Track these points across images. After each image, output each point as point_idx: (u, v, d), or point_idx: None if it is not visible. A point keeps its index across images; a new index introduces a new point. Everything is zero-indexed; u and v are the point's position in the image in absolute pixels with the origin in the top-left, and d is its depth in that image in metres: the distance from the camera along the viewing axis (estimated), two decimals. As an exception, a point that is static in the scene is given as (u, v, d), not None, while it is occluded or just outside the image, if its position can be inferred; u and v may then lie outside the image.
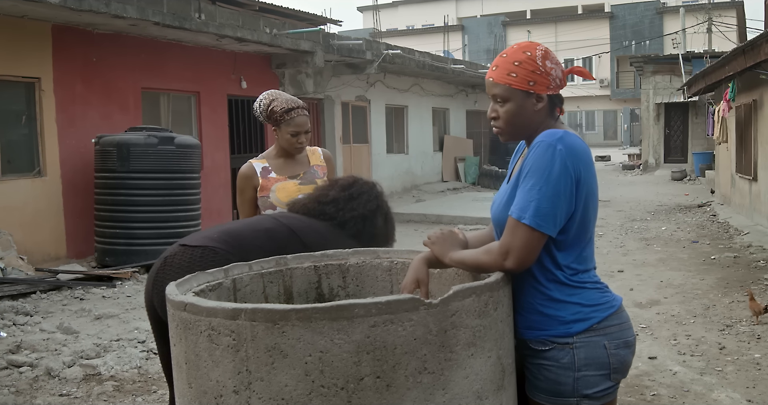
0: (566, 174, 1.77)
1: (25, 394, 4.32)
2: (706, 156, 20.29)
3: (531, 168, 1.79)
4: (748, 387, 4.23)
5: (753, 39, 8.71)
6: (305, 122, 3.27)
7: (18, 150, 8.46)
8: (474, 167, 20.30)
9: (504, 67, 1.89)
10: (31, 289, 6.87)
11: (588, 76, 2.08)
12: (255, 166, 3.34)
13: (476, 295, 1.68)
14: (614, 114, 48.73)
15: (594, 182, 1.86)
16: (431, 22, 45.84)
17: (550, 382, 1.85)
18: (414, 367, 1.59)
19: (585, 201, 1.83)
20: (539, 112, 1.91)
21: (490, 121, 1.97)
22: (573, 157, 1.78)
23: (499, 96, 1.90)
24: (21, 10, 7.71)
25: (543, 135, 1.82)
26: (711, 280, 7.15)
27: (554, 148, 1.77)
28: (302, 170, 3.36)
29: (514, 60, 1.88)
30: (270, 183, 3.28)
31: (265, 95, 3.27)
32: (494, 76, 1.90)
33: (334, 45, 12.71)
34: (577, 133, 1.89)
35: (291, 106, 3.21)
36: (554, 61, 1.91)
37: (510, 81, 1.87)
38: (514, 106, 1.89)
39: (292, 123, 3.24)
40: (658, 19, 38.95)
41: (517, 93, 1.88)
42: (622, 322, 1.90)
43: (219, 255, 2.38)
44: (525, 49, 1.90)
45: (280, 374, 1.56)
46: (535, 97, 1.89)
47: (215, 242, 2.44)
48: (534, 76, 1.87)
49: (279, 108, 3.21)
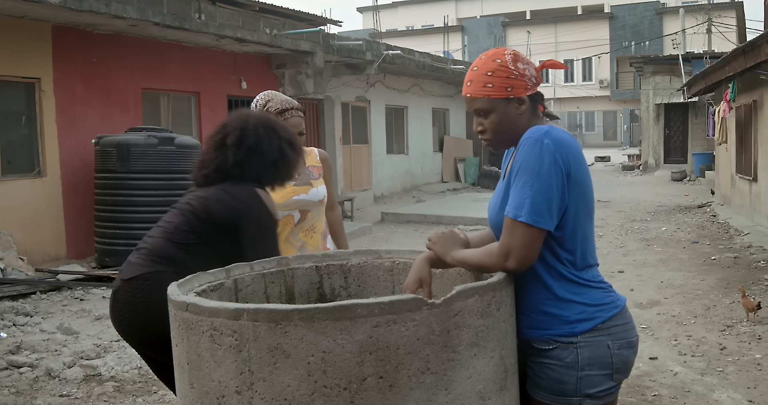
0: (556, 167, 1.76)
1: (25, 395, 4.31)
2: (705, 156, 20.30)
3: (521, 165, 1.79)
4: (749, 387, 4.23)
5: (753, 39, 8.71)
6: (299, 123, 3.22)
7: (18, 150, 8.46)
8: (474, 168, 20.30)
9: (478, 81, 1.89)
10: (31, 290, 6.87)
11: (561, 67, 2.07)
12: None
13: (479, 295, 1.68)
14: (614, 115, 48.71)
15: (585, 174, 1.86)
16: (431, 22, 45.87)
17: (553, 381, 1.84)
18: (417, 367, 1.58)
19: (578, 193, 1.82)
20: (523, 114, 1.91)
21: (477, 135, 1.96)
22: (561, 150, 1.78)
23: (481, 109, 1.90)
24: (21, 10, 7.71)
25: (529, 132, 1.82)
26: (711, 281, 7.15)
27: (541, 143, 1.77)
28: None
29: (487, 70, 1.88)
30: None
31: (262, 96, 3.24)
32: (471, 92, 1.90)
33: (334, 45, 12.70)
34: (576, 134, 1.89)
35: (285, 107, 3.18)
36: (525, 61, 1.91)
37: (488, 92, 1.87)
38: (497, 115, 1.89)
39: (287, 124, 3.15)
40: (657, 20, 38.99)
41: (497, 102, 1.88)
42: (626, 322, 1.89)
43: (151, 280, 2.39)
44: (493, 57, 1.90)
45: (282, 375, 1.56)
46: (516, 102, 1.89)
47: (145, 268, 2.43)
48: (510, 81, 1.87)
49: (274, 109, 3.17)
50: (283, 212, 3.11)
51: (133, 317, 2.43)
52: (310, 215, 3.24)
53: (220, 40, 10.23)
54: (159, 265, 2.42)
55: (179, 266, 2.40)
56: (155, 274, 2.41)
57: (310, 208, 3.23)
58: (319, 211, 3.30)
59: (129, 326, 2.46)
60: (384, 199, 16.23)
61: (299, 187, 3.22)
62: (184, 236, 2.46)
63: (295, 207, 3.17)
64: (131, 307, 2.42)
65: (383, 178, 16.72)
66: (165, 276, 2.35)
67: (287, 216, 3.16)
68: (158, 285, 2.33)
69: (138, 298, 2.40)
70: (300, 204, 3.18)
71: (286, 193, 3.15)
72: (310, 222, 3.24)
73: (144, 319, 2.40)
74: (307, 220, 3.23)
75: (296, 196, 3.17)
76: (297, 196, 3.17)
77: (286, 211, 3.15)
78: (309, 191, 3.23)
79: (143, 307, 2.39)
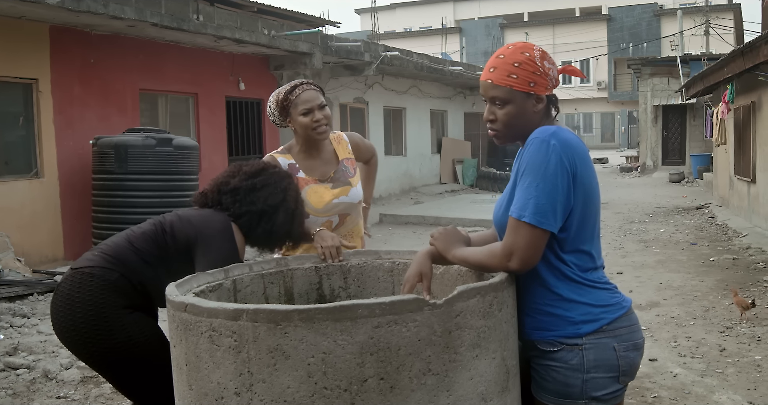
0: (562, 169, 1.74)
1: (22, 397, 4.29)
2: (703, 158, 20.32)
3: (527, 166, 1.77)
4: (749, 389, 4.21)
5: (752, 41, 8.71)
6: (315, 96, 2.77)
7: (15, 151, 8.43)
8: (472, 169, 20.29)
9: (503, 69, 1.85)
10: (29, 291, 6.84)
11: (579, 75, 2.07)
12: (279, 160, 2.86)
13: (481, 295, 1.67)
14: (612, 116, 48.79)
15: (592, 176, 1.84)
16: (429, 24, 45.86)
17: (558, 383, 1.83)
18: (418, 368, 1.57)
19: (583, 195, 1.81)
20: (538, 113, 1.89)
21: (486, 123, 1.93)
22: (568, 151, 1.76)
23: (499, 98, 1.87)
24: (19, 10, 7.69)
25: (536, 132, 1.80)
26: (710, 282, 7.14)
27: (548, 144, 1.75)
28: (332, 170, 2.91)
29: (514, 61, 1.85)
30: (300, 185, 2.78)
31: (272, 95, 2.90)
32: (493, 78, 1.86)
33: (333, 46, 12.69)
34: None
35: (294, 85, 2.79)
36: (551, 61, 1.90)
37: (511, 82, 1.84)
38: (514, 108, 1.86)
39: (300, 101, 2.76)
40: (655, 22, 39.02)
41: (517, 94, 1.85)
42: (631, 323, 1.88)
43: (95, 276, 2.32)
44: (522, 50, 1.86)
45: (282, 376, 1.54)
46: (534, 98, 1.86)
47: (92, 263, 2.36)
48: (534, 77, 1.84)
49: (283, 93, 2.79)
50: (320, 219, 2.82)
51: (68, 312, 2.32)
52: (349, 219, 2.92)
53: (218, 41, 10.21)
54: (109, 264, 2.35)
55: (130, 272, 2.34)
56: (102, 270, 2.33)
57: (350, 212, 2.92)
58: (359, 214, 2.99)
59: (63, 323, 2.34)
60: (382, 201, 16.21)
61: (338, 188, 2.87)
62: (146, 245, 2.39)
63: (335, 211, 2.86)
64: (70, 298, 2.33)
65: (381, 180, 16.68)
66: (111, 276, 2.32)
67: (326, 222, 2.84)
68: (99, 283, 2.30)
69: (76, 290, 2.32)
70: (340, 207, 2.87)
71: (326, 198, 2.84)
72: (349, 226, 2.93)
73: (77, 318, 2.30)
74: (346, 224, 2.91)
75: (336, 199, 2.84)
76: (337, 199, 2.85)
77: (324, 218, 2.84)
78: (349, 192, 2.89)
79: (80, 304, 2.30)
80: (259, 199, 2.45)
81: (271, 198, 2.46)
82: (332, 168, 2.91)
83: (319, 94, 2.79)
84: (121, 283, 2.33)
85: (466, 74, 18.72)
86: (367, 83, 15.70)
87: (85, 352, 2.33)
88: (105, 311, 2.29)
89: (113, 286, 2.32)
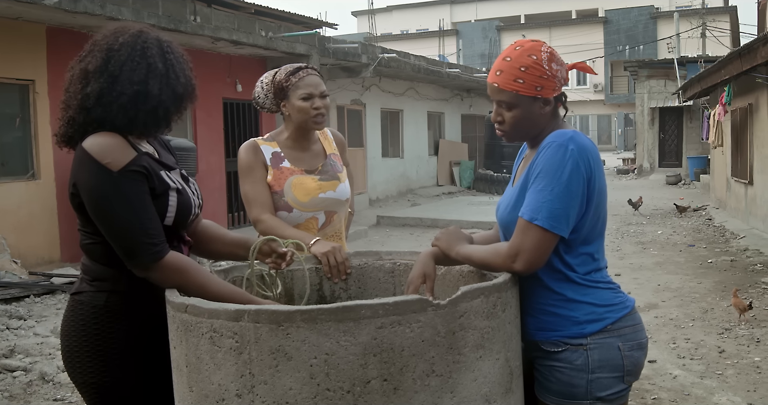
0: (578, 174, 1.74)
1: (18, 399, 4.26)
2: (700, 160, 20.36)
3: (543, 169, 1.75)
4: (748, 390, 4.21)
5: (749, 42, 8.73)
6: (319, 82, 2.58)
7: (12, 153, 8.40)
8: (469, 171, 20.29)
9: (509, 73, 1.81)
10: (25, 293, 6.81)
11: (590, 71, 2.05)
12: (262, 148, 2.63)
13: (484, 296, 1.65)
14: (608, 118, 48.83)
15: (604, 181, 1.84)
16: (426, 26, 45.87)
17: (563, 384, 1.81)
18: (422, 369, 1.55)
19: (596, 199, 1.80)
20: (545, 114, 1.87)
21: (494, 123, 1.92)
22: (584, 156, 1.76)
23: (505, 103, 1.85)
24: (15, 11, 7.66)
25: (553, 136, 1.78)
26: (708, 284, 7.14)
27: (566, 149, 1.74)
28: (320, 162, 2.70)
29: (520, 65, 1.81)
30: (283, 175, 2.60)
31: (264, 75, 2.66)
32: (499, 82, 1.83)
33: (330, 48, 12.69)
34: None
35: (297, 67, 2.58)
36: (559, 61, 1.86)
37: (517, 87, 1.81)
38: (520, 111, 1.84)
39: (302, 83, 2.55)
40: (652, 24, 39.11)
41: (524, 99, 1.82)
42: (635, 323, 1.87)
43: (85, 303, 1.88)
44: (530, 52, 1.81)
45: (284, 377, 1.53)
46: (542, 102, 1.84)
47: (79, 287, 1.93)
48: (541, 81, 1.81)
49: (283, 73, 2.57)
50: (305, 214, 2.60)
51: (65, 343, 1.92)
52: (336, 217, 2.70)
53: (215, 42, 10.19)
54: (91, 286, 1.90)
55: (111, 285, 1.87)
56: (90, 296, 1.89)
57: (337, 209, 2.70)
58: (345, 213, 2.79)
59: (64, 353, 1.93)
60: (379, 203, 16.20)
61: (326, 182, 2.65)
62: (95, 249, 1.89)
63: (321, 207, 2.63)
64: (64, 330, 1.93)
65: (378, 182, 16.69)
66: (99, 300, 1.88)
67: (310, 219, 2.62)
68: (90, 311, 1.87)
69: (71, 320, 1.91)
70: (327, 203, 2.64)
71: (312, 190, 2.60)
72: (335, 226, 2.72)
73: (73, 350, 1.90)
74: (333, 223, 2.70)
75: (323, 193, 2.62)
76: (324, 194, 2.63)
77: (309, 213, 2.61)
78: (337, 188, 2.67)
79: (75, 337, 1.89)
80: (125, 85, 1.82)
81: (136, 74, 1.84)
82: (320, 161, 2.70)
83: (321, 82, 2.61)
84: (112, 302, 1.87)
85: (463, 76, 18.73)
86: (364, 85, 15.69)
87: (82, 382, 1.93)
88: (101, 345, 1.86)
89: (105, 308, 1.87)
